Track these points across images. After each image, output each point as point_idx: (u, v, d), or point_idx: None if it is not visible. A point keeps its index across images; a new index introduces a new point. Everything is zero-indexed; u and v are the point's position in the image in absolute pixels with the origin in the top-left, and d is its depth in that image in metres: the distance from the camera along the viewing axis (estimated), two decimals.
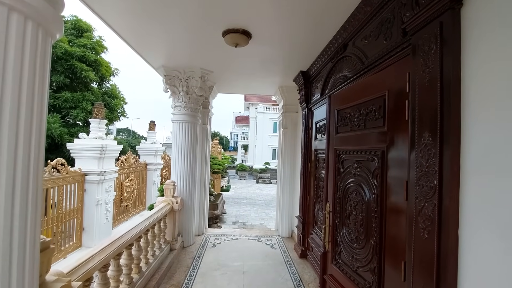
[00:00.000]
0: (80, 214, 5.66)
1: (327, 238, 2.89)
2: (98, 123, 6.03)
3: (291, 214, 5.32)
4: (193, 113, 4.62)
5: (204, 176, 5.37)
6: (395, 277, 1.85)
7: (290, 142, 5.33)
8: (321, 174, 3.62)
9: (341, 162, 2.71)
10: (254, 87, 5.82)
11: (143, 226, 3.00)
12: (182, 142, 4.52)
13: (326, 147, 3.08)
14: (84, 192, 5.71)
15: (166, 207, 3.96)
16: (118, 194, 7.25)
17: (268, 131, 27.18)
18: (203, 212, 5.38)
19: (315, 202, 3.90)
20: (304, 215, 4.29)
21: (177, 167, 4.54)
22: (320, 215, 3.61)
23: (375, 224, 2.09)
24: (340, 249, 2.66)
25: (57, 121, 7.37)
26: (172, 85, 4.52)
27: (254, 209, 12.67)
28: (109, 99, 9.31)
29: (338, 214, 2.71)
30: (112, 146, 6.02)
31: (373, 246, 2.11)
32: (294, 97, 5.29)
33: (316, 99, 3.90)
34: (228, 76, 4.99)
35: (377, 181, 2.10)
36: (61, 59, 8.07)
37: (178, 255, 4.20)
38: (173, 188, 4.29)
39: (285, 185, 5.34)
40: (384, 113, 2.05)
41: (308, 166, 4.25)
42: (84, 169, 5.67)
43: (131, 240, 2.70)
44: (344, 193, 2.61)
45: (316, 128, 3.99)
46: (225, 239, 5.03)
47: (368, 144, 2.23)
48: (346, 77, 2.81)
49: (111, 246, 2.31)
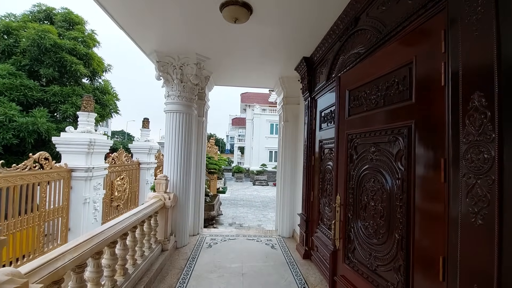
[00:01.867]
0: (66, 213, 5.26)
1: (337, 234, 2.56)
2: (87, 116, 5.66)
3: (292, 213, 4.99)
4: (188, 103, 4.29)
5: (199, 171, 5.02)
6: (429, 276, 1.53)
7: (291, 136, 5.02)
8: (328, 166, 3.32)
9: (354, 148, 2.40)
10: (253, 79, 5.52)
11: (129, 222, 2.65)
12: (175, 133, 4.19)
13: (335, 133, 2.78)
14: (70, 190, 5.32)
15: (157, 203, 3.60)
16: (108, 193, 6.85)
17: (265, 132, 26.90)
18: (198, 210, 5.02)
19: (320, 197, 3.58)
20: (307, 212, 3.97)
21: (170, 161, 4.19)
22: (327, 211, 3.30)
23: (400, 215, 1.77)
24: (353, 246, 2.34)
25: (44, 115, 6.95)
26: (165, 73, 4.19)
27: (251, 210, 12.32)
28: (101, 94, 8.89)
29: (351, 206, 2.40)
30: (102, 140, 5.65)
31: (397, 240, 1.79)
32: (295, 89, 5.01)
33: (321, 86, 3.61)
34: (226, 65, 4.69)
35: (402, 164, 1.79)
36: (49, 51, 7.67)
37: (171, 256, 3.83)
38: (165, 183, 3.93)
39: (286, 182, 5.02)
40: (410, 83, 1.75)
41: (311, 159, 3.94)
42: (71, 164, 5.28)
43: (114, 237, 2.35)
44: (359, 182, 2.30)
45: (321, 117, 3.69)
46: (222, 240, 4.67)
47: (389, 123, 1.93)
48: (358, 54, 2.52)
49: (89, 243, 1.96)
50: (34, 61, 7.73)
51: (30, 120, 6.69)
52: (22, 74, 7.36)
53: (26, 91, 7.11)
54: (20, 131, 6.52)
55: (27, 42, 7.53)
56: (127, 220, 2.63)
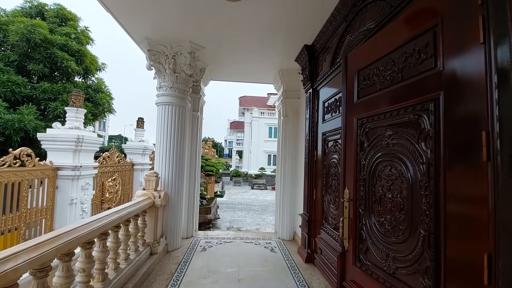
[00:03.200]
0: (50, 214, 4.91)
1: (346, 233, 2.26)
2: (75, 112, 5.35)
3: (293, 214, 4.68)
4: (181, 95, 4.01)
5: (194, 169, 4.71)
6: (468, 279, 1.23)
7: (292, 132, 4.74)
8: (333, 159, 3.03)
9: (365, 134, 2.12)
10: (251, 73, 5.26)
11: (110, 219, 2.33)
12: (167, 127, 3.89)
13: (342, 120, 2.50)
14: (56, 190, 4.98)
15: (146, 201, 3.29)
16: (98, 194, 6.50)
17: (263, 136, 26.62)
18: (192, 211, 4.70)
19: (324, 195, 3.28)
20: (310, 212, 3.66)
21: (162, 156, 3.89)
22: (332, 209, 2.99)
23: (426, 206, 1.48)
24: (366, 246, 2.03)
25: (32, 112, 6.61)
26: (157, 62, 3.92)
27: (249, 214, 11.96)
28: (94, 92, 8.59)
29: (362, 200, 2.10)
30: (91, 138, 5.33)
31: (423, 237, 1.50)
32: (295, 82, 4.75)
33: (324, 75, 3.34)
34: (222, 56, 4.42)
35: (427, 145, 1.50)
36: (39, 47, 7.37)
37: (160, 260, 3.50)
38: (155, 180, 3.62)
39: (286, 181, 4.71)
40: (435, 49, 1.48)
41: (314, 154, 3.65)
42: (57, 163, 4.95)
43: (90, 236, 2.03)
44: (371, 172, 2.01)
45: (324, 108, 3.41)
46: (217, 243, 4.34)
47: (410, 99, 1.65)
48: (368, 31, 2.26)
49: (53, 242, 1.64)
50: (23, 57, 7.44)
51: (17, 117, 6.36)
52: (10, 70, 7.05)
53: (13, 87, 6.81)
54: (6, 128, 6.17)
55: (15, 36, 7.25)
56: (107, 217, 2.31)
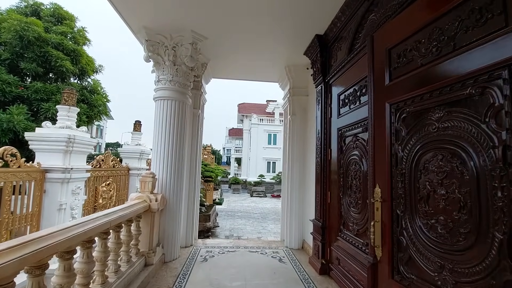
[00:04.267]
0: (37, 220, 4.48)
1: (378, 240, 1.90)
2: (67, 111, 4.99)
3: (302, 220, 4.30)
4: (182, 89, 3.69)
5: (194, 172, 4.34)
6: None
7: (299, 131, 4.41)
8: (353, 157, 2.69)
9: (402, 120, 1.79)
10: (256, 70, 4.97)
11: (97, 224, 1.95)
12: (166, 124, 3.55)
13: (369, 109, 2.17)
14: (43, 194, 4.58)
15: (140, 205, 2.91)
16: (91, 200, 6.09)
17: (262, 143, 26.28)
18: (192, 218, 4.30)
19: (342, 197, 2.93)
20: (323, 217, 3.29)
21: (159, 155, 3.53)
22: (353, 212, 2.63)
23: (503, 201, 1.14)
24: (407, 255, 1.67)
25: (23, 113, 6.23)
26: (155, 54, 3.61)
27: (249, 222, 11.52)
28: (89, 94, 8.24)
29: (400, 199, 1.75)
30: (83, 138, 4.96)
31: (499, 241, 1.15)
32: (303, 78, 4.46)
33: (339, 64, 3.04)
34: (225, 50, 4.13)
35: (500, 124, 1.17)
36: (33, 45, 7.03)
37: (156, 273, 3.09)
38: (152, 182, 3.25)
39: (294, 184, 4.35)
40: (504, 4, 1.17)
41: (328, 152, 3.31)
42: (46, 164, 4.56)
43: (70, 244, 1.65)
44: (413, 165, 1.67)
45: (339, 101, 3.10)
46: (219, 252, 3.93)
47: (469, 69, 1.33)
48: (400, 4, 1.96)
49: (20, 250, 1.27)
50: (16, 55, 7.11)
51: (5, 117, 5.96)
52: (1, 69, 6.71)
53: (3, 87, 6.45)
54: None
55: (8, 34, 6.95)
56: (93, 221, 1.93)
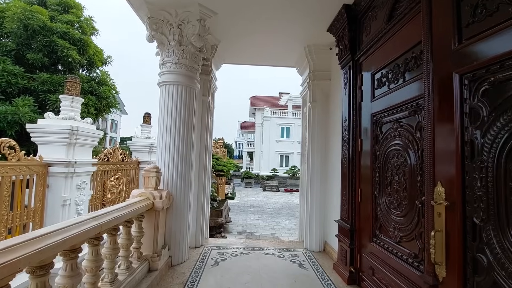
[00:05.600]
0: (40, 217, 4.26)
1: (439, 256, 1.44)
2: (71, 101, 4.71)
3: (323, 219, 3.86)
4: (189, 72, 3.28)
5: (204, 165, 3.96)
6: None
7: (321, 119, 3.93)
8: (394, 147, 2.20)
9: (481, 95, 1.29)
10: (270, 54, 4.49)
11: (81, 229, 1.58)
12: (172, 112, 3.16)
13: (426, 85, 1.67)
14: (46, 189, 4.34)
15: (142, 203, 2.55)
16: (99, 195, 5.86)
17: (275, 136, 25.77)
18: (202, 215, 3.95)
19: (377, 195, 2.45)
20: (352, 217, 2.84)
21: (164, 148, 3.15)
22: (395, 215, 2.16)
23: None
24: (490, 279, 1.20)
25: (28, 104, 6.05)
26: (159, 32, 3.20)
27: (262, 217, 11.17)
28: (97, 85, 8.01)
29: (478, 203, 1.27)
30: (87, 130, 4.68)
31: None
32: (325, 60, 3.96)
33: (373, 37, 2.53)
34: (237, 30, 3.68)
35: None
36: (38, 34, 6.82)
37: (161, 279, 2.75)
38: (156, 177, 2.88)
39: (314, 180, 3.89)
40: None
41: (358, 142, 2.83)
42: (48, 158, 4.31)
43: (41, 257, 1.29)
44: (500, 155, 1.19)
45: (374, 82, 2.60)
46: (232, 254, 3.56)
47: None
48: None
49: None
50: (22, 46, 6.93)
51: (10, 109, 5.80)
52: (7, 60, 6.54)
53: (9, 78, 6.29)
54: None
55: (12, 23, 6.75)
56: (76, 226, 1.56)
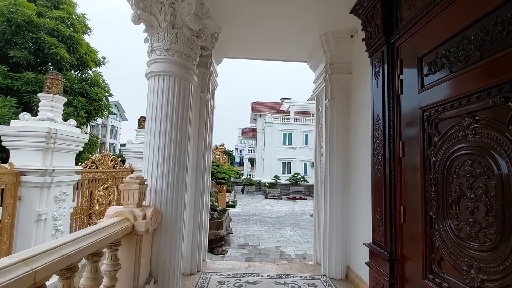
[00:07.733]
0: (9, 235, 3.61)
1: None
2: (51, 100, 4.12)
3: (345, 241, 3.20)
4: (184, 61, 2.68)
5: (202, 173, 3.33)
6: None
7: (341, 120, 3.32)
8: (461, 151, 1.57)
9: None
10: (279, 46, 3.91)
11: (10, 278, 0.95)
12: (162, 109, 2.55)
13: None
14: (18, 201, 3.70)
15: (118, 227, 1.91)
16: (85, 206, 5.22)
17: (277, 142, 25.15)
18: (199, 232, 3.29)
19: (433, 216, 1.81)
20: (391, 242, 2.19)
21: (152, 154, 2.53)
22: (474, 249, 1.51)
23: None
24: None
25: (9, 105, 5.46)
26: (147, 12, 2.62)
27: (265, 228, 10.48)
28: (88, 86, 7.44)
29: None
30: (69, 133, 4.07)
31: None
32: (345, 51, 3.37)
33: (422, 9, 1.93)
34: (241, 17, 3.11)
35: None
36: (23, 30, 6.29)
37: None
38: (139, 190, 2.25)
39: (334, 190, 3.26)
40: None
41: (398, 146, 2.21)
42: (20, 165, 3.69)
43: None
44: None
45: (423, 67, 1.99)
46: (235, 284, 2.90)
47: None
48: None
49: None
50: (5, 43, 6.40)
51: None
52: None
53: None
54: None
55: None
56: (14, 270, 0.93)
